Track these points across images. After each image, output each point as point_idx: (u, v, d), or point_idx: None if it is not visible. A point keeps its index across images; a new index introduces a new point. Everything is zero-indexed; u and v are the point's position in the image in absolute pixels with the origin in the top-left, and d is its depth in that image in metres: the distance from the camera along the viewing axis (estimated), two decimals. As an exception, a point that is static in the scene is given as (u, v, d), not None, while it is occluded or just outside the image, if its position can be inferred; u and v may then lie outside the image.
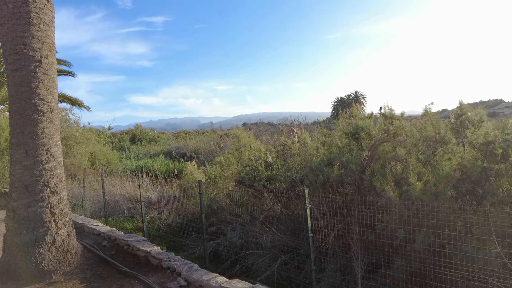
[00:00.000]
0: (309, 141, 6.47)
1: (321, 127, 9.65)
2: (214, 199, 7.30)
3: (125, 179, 11.48)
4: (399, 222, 4.09)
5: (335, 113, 49.27)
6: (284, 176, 6.00)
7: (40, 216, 4.67)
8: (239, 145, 8.39)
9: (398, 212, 4.13)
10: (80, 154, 15.77)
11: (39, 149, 4.69)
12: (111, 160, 18.19)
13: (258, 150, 7.68)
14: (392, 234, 4.13)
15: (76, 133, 16.20)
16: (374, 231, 4.32)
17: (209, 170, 8.05)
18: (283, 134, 8.89)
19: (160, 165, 16.12)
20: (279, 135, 9.78)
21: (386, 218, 4.20)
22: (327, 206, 4.81)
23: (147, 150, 25.34)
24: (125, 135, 36.47)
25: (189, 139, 27.82)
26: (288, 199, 5.76)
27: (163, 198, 9.29)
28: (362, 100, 60.29)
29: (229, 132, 25.78)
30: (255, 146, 8.03)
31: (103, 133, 23.76)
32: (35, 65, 4.64)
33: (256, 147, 7.97)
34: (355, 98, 59.15)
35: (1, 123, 13.71)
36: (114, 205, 9.79)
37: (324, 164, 5.25)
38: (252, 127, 28.87)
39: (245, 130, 18.79)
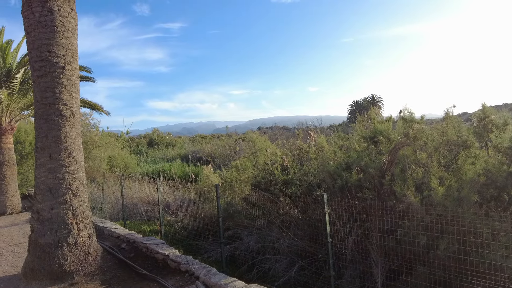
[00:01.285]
0: (326, 145, 6.40)
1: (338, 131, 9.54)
2: (230, 203, 7.30)
3: (142, 182, 11.65)
4: (420, 228, 3.99)
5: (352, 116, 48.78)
6: (300, 180, 5.95)
7: (62, 218, 4.78)
8: (254, 149, 8.39)
9: (419, 217, 4.02)
10: (99, 158, 16.13)
11: (62, 153, 4.81)
12: (129, 164, 18.51)
13: (274, 154, 7.65)
14: (413, 241, 4.03)
15: (95, 137, 16.59)
16: (394, 237, 4.23)
17: (225, 174, 8.07)
18: (299, 138, 8.85)
19: (177, 169, 16.28)
20: (295, 139, 9.73)
21: (407, 223, 4.11)
22: (345, 211, 4.73)
23: (164, 154, 25.66)
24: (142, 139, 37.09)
25: (205, 143, 28.02)
26: (305, 204, 5.70)
27: (180, 201, 9.36)
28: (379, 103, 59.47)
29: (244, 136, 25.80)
30: (271, 150, 8.01)
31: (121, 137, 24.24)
32: (59, 71, 4.78)
33: (272, 151, 7.95)
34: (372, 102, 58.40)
35: (26, 127, 14.19)
36: (132, 208, 9.93)
37: (342, 169, 5.19)
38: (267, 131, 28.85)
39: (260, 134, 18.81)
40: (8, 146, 10.71)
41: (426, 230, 3.95)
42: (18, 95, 10.56)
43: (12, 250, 6.66)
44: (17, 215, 10.34)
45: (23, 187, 13.60)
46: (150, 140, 34.94)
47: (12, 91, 10.34)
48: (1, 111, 10.52)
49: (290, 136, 21.50)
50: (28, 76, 10.65)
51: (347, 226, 4.74)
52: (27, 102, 10.79)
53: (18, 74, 10.44)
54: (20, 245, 7.01)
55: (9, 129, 10.73)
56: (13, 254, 6.39)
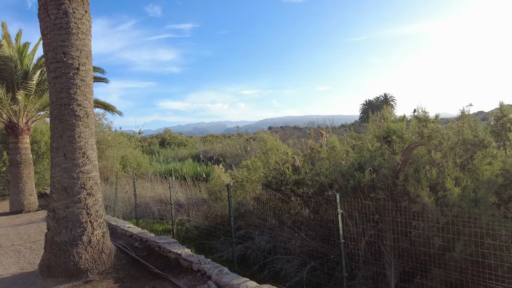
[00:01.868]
0: (338, 145, 6.35)
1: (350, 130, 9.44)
2: (241, 203, 7.30)
3: (155, 182, 11.77)
4: (435, 229, 3.91)
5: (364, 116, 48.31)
6: (312, 180, 5.92)
7: (77, 216, 4.86)
8: (265, 148, 8.37)
9: (434, 218, 3.95)
10: (112, 157, 16.37)
11: (76, 152, 4.89)
12: (142, 163, 18.74)
13: (285, 153, 7.61)
14: (428, 242, 3.96)
15: (108, 137, 16.85)
16: (408, 238, 4.17)
17: (236, 173, 8.08)
18: (310, 137, 8.79)
19: (189, 168, 16.41)
20: (306, 138, 9.67)
21: (421, 225, 4.04)
22: (358, 212, 4.69)
23: (175, 154, 25.90)
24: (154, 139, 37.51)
25: (216, 143, 28.17)
26: (317, 204, 5.67)
27: (192, 200, 9.42)
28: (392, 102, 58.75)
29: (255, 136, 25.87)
30: (282, 150, 7.97)
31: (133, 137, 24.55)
32: (73, 72, 4.86)
33: (283, 151, 7.91)
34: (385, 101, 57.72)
35: (42, 128, 14.51)
36: (145, 207, 10.05)
37: (354, 169, 5.13)
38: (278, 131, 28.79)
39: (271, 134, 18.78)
40: (25, 146, 10.97)
41: (441, 231, 3.87)
42: (35, 96, 10.80)
43: (29, 248, 6.82)
44: (34, 213, 10.58)
45: (39, 186, 13.91)
46: (162, 140, 35.33)
47: (29, 92, 10.58)
48: (18, 112, 10.77)
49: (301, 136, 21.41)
50: (44, 77, 10.88)
51: (360, 226, 4.68)
52: (43, 103, 11.02)
53: (35, 76, 10.68)
54: (37, 242, 7.16)
55: (25, 129, 10.99)
56: (30, 252, 6.54)
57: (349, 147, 6.04)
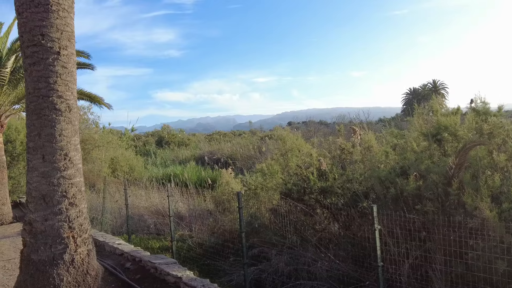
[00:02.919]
0: (375, 144, 6.33)
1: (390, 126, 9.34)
2: (255, 215, 7.32)
3: (150, 189, 11.91)
4: (499, 250, 3.85)
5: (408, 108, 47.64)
6: (342, 188, 5.92)
7: (58, 231, 4.96)
8: (284, 149, 8.37)
9: (497, 237, 3.89)
10: (99, 159, 16.67)
11: (57, 154, 4.99)
12: (135, 167, 19.00)
13: (309, 155, 7.61)
14: (489, 266, 3.91)
15: (95, 135, 17.16)
16: (463, 261, 4.14)
17: (249, 179, 8.11)
18: (340, 135, 8.74)
19: (191, 173, 16.55)
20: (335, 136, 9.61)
21: (480, 244, 4.00)
22: (400, 228, 4.67)
23: (175, 155, 26.17)
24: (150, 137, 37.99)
25: (224, 142, 28.32)
26: (348, 218, 5.66)
27: (195, 212, 9.49)
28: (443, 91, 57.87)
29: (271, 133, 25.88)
30: (305, 151, 7.96)
31: (125, 135, 24.94)
32: (53, 58, 4.96)
33: (306, 152, 7.90)
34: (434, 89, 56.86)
35: (17, 124, 14.88)
36: (138, 220, 10.18)
37: (396, 174, 5.11)
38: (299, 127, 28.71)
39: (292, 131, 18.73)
40: (-3, 146, 11.27)
41: (506, 253, 3.82)
42: (8, 86, 11.08)
43: (2, 267, 7.01)
44: (8, 226, 10.87)
45: (14, 193, 14.28)
46: (159, 139, 35.76)
47: (1, 82, 10.87)
48: (-11, 106, 11.08)
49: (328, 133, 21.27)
50: (20, 64, 11.14)
51: (403, 246, 4.66)
52: (18, 94, 11.29)
53: (8, 63, 10.96)
54: (12, 261, 7.36)
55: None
56: (3, 272, 6.73)
57: (389, 147, 6.00)
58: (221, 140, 32.43)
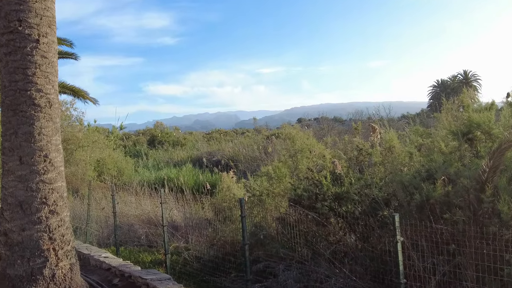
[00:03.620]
0: (397, 144, 6.31)
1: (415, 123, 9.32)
2: (260, 225, 7.32)
3: (142, 195, 11.95)
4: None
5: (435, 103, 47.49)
6: (360, 194, 5.93)
7: (37, 242, 4.98)
8: (293, 150, 8.37)
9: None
10: (83, 161, 16.73)
11: (36, 155, 5.01)
12: (124, 169, 19.07)
13: (322, 156, 7.61)
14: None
15: (78, 134, 17.21)
16: (498, 278, 4.13)
17: (253, 184, 8.11)
18: (357, 133, 8.73)
19: (187, 176, 16.58)
20: (351, 135, 9.60)
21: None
22: (426, 240, 4.66)
23: (169, 157, 26.22)
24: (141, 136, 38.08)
25: (224, 142, 28.33)
26: (367, 228, 5.67)
27: (192, 221, 9.51)
28: (475, 83, 57.57)
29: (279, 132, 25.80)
30: (317, 151, 7.96)
31: (113, 134, 25.02)
32: (32, 46, 4.98)
33: (319, 153, 7.90)
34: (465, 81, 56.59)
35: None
36: (128, 230, 10.21)
37: (421, 178, 5.11)
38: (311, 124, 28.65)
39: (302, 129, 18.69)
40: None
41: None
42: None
43: (-26, 283, 7.06)
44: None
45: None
46: (152, 138, 35.86)
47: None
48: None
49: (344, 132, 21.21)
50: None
51: (429, 260, 4.66)
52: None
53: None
54: (-16, 276, 7.40)
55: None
56: (-25, 289, 6.77)
57: (413, 148, 6.00)
58: (222, 139, 32.42)
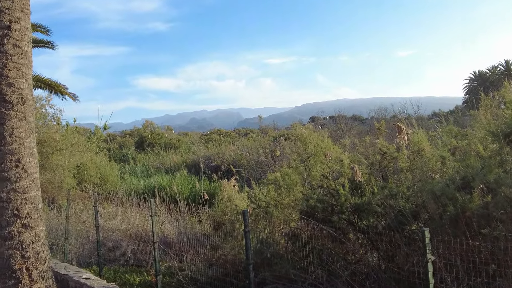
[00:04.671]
0: (427, 147, 6.29)
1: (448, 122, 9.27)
2: (266, 242, 7.31)
3: (129, 206, 11.95)
4: None
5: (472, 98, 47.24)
6: (383, 206, 5.93)
7: (7, 261, 5.00)
8: (305, 153, 8.37)
9: None
10: (61, 167, 16.76)
11: (7, 160, 5.04)
12: (108, 176, 19.10)
13: (338, 162, 7.60)
14: None
15: (56, 135, 17.25)
16: None
17: (258, 194, 8.11)
18: (380, 134, 8.70)
19: (182, 185, 16.58)
20: (373, 136, 9.58)
21: None
22: (461, 259, 4.64)
23: (161, 161, 26.25)
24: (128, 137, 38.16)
25: (225, 144, 28.35)
26: (392, 245, 5.66)
27: (187, 237, 9.50)
28: (520, 75, 57.17)
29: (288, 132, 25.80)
30: (333, 156, 7.95)
31: (95, 135, 25.09)
32: (2, 34, 5.01)
33: (335, 157, 7.89)
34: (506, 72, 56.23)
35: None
36: (113, 247, 10.21)
37: (455, 187, 5.10)
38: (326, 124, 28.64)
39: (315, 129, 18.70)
40: None
41: None
42: None
43: None
44: None
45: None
46: (140, 139, 35.88)
47: None
48: None
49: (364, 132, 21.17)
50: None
51: (464, 283, 4.64)
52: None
53: None
54: None
55: None
56: None
57: (446, 151, 5.99)
58: (222, 141, 32.44)
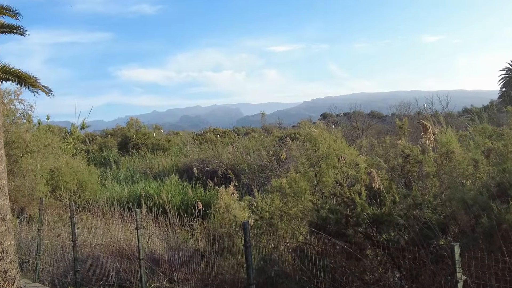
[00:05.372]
0: (457, 149, 6.29)
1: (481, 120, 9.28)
2: (270, 258, 7.32)
3: (111, 217, 11.94)
4: None
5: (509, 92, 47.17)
6: (406, 217, 5.94)
7: (-31, 281, 5.01)
8: (316, 156, 8.37)
9: None
10: (32, 172, 16.78)
11: (-31, 164, 5.05)
12: (87, 183, 19.08)
13: (354, 166, 7.61)
14: None
15: (26, 135, 17.26)
16: None
17: (260, 203, 8.11)
18: (402, 134, 8.70)
19: (172, 192, 16.56)
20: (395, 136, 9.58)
21: None
22: (496, 279, 4.65)
23: (148, 166, 26.24)
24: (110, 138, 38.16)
25: (222, 146, 28.32)
26: (416, 263, 5.67)
27: (178, 253, 9.50)
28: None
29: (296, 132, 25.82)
30: (348, 159, 7.96)
31: (72, 135, 25.14)
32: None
33: (350, 161, 7.90)
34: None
35: None
36: (92, 265, 10.20)
37: (489, 195, 5.11)
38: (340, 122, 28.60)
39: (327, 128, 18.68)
40: None
41: None
42: None
43: None
44: None
45: None
46: (124, 140, 35.88)
47: None
48: None
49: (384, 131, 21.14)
50: None
51: (501, 307, 4.63)
52: None
53: None
54: None
55: None
56: None
57: (479, 154, 6.00)
58: (218, 142, 32.42)
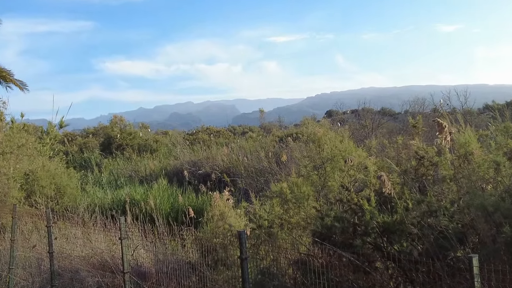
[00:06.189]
0: (477, 150, 6.30)
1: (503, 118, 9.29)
2: (269, 272, 7.32)
3: (92, 226, 11.94)
4: None
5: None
6: (420, 226, 5.96)
7: None
8: (320, 158, 8.38)
9: None
10: (5, 175, 16.77)
11: None
12: (65, 188, 19.06)
13: (363, 169, 7.62)
14: None
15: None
16: None
17: (258, 210, 8.11)
18: (415, 134, 8.72)
19: (160, 198, 16.57)
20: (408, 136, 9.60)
21: None
22: None
23: (134, 169, 26.24)
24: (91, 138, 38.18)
25: (216, 147, 28.34)
26: (431, 276, 5.66)
27: (166, 266, 9.51)
28: None
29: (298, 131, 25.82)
30: (356, 161, 7.97)
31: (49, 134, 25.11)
32: None
33: (358, 163, 7.90)
34: None
35: None
36: (71, 279, 10.21)
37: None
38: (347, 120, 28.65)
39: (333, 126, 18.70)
40: None
41: None
42: None
43: None
44: None
45: None
46: (107, 140, 35.87)
47: None
48: None
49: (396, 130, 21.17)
50: None
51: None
52: None
53: None
54: None
55: None
56: None
57: (501, 156, 6.01)
58: (212, 142, 32.45)
